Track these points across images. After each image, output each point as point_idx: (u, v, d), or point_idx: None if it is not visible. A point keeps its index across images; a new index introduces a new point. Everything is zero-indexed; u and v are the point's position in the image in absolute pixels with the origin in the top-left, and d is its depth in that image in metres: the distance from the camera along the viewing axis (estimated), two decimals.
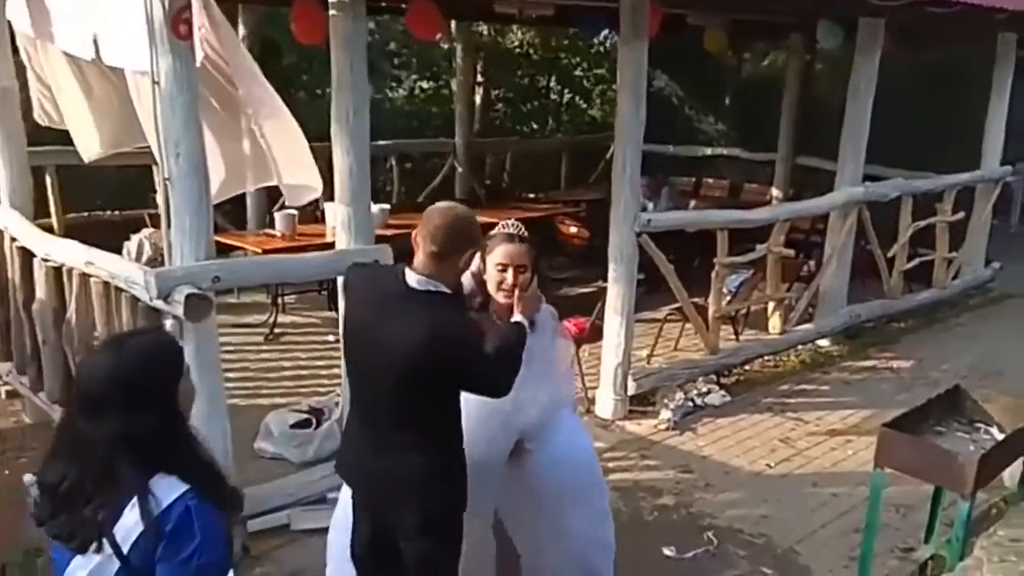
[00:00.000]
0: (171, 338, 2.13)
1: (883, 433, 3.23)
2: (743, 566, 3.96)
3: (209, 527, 1.72)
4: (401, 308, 2.49)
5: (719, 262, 5.85)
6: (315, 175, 3.94)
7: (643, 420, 5.46)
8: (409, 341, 2.42)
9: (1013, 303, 8.54)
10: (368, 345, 2.56)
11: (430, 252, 2.49)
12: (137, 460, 1.72)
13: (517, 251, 2.85)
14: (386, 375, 2.50)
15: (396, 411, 2.56)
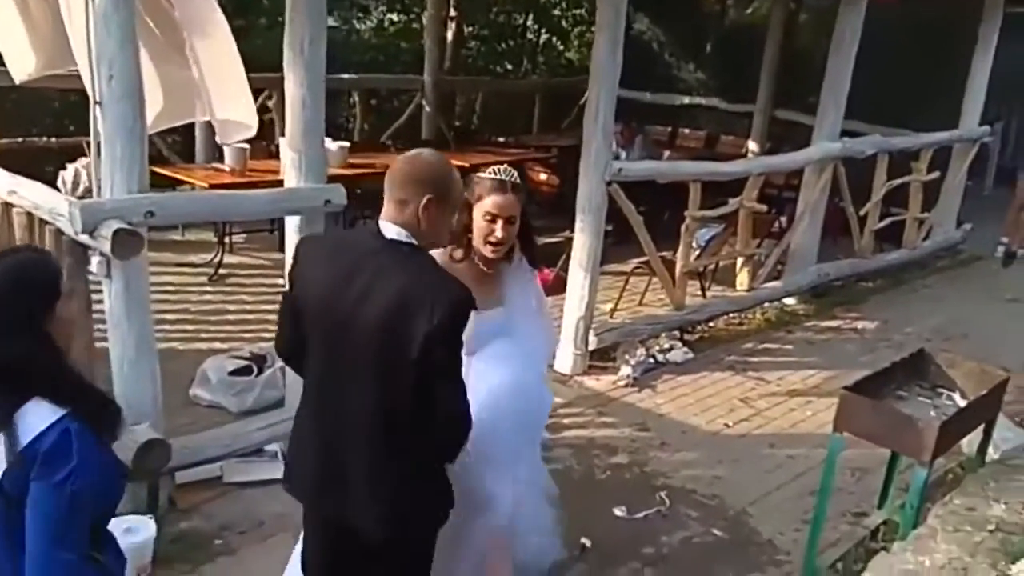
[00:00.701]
0: (44, 258, 1.93)
1: (844, 396, 3.11)
2: (694, 527, 3.88)
3: (87, 452, 1.66)
4: (379, 264, 2.12)
5: (690, 215, 5.68)
6: (251, 111, 3.68)
7: (602, 376, 5.34)
8: (389, 296, 2.06)
9: (981, 265, 8.50)
10: (339, 312, 2.14)
11: (395, 201, 2.15)
12: (4, 388, 1.68)
13: (509, 202, 2.64)
14: (363, 348, 2.10)
15: (372, 397, 2.14)
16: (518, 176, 2.70)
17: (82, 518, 1.68)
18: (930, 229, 8.18)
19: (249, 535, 3.52)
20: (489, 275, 2.76)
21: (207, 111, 3.67)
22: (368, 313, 2.07)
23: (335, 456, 2.21)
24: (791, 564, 3.65)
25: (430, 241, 2.23)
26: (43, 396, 1.69)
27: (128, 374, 3.31)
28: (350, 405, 2.16)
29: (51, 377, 1.71)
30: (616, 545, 3.68)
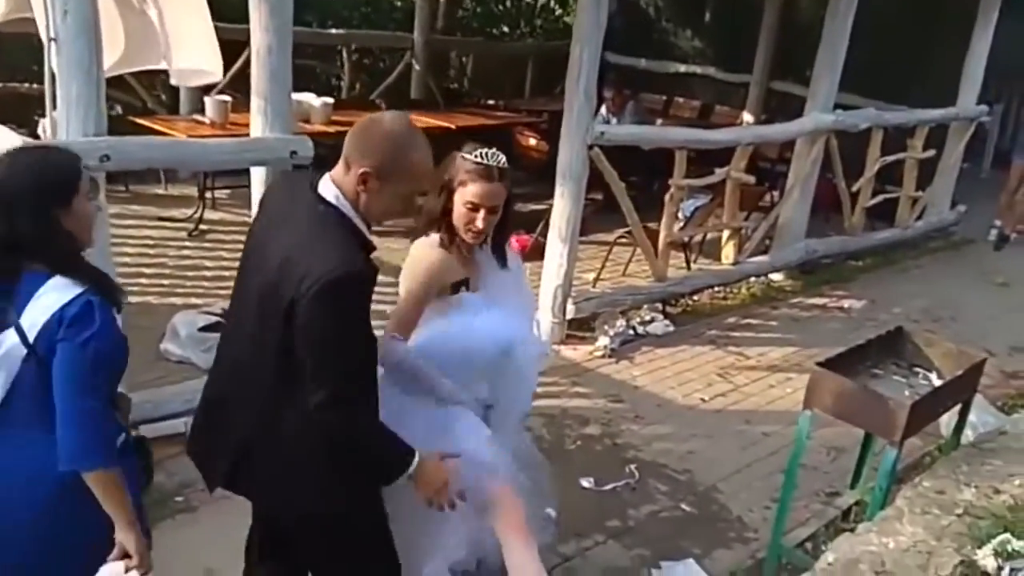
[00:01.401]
0: (67, 157, 2.03)
1: (815, 373, 3.02)
2: (662, 501, 3.81)
3: (107, 321, 1.89)
4: (296, 218, 1.98)
5: (674, 183, 5.55)
6: (215, 58, 3.54)
7: (580, 346, 5.25)
8: (274, 253, 1.94)
9: (974, 248, 8.40)
10: (247, 264, 2.05)
11: (343, 158, 1.99)
12: (12, 260, 1.88)
13: (494, 191, 2.41)
14: (250, 303, 1.98)
15: (257, 357, 1.98)
16: (505, 160, 2.48)
17: (103, 375, 1.90)
18: (923, 209, 8.07)
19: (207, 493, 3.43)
20: (469, 259, 2.59)
21: (164, 56, 3.53)
22: (261, 267, 1.96)
23: (225, 418, 2.09)
24: (758, 542, 3.59)
25: (364, 215, 2.01)
26: (64, 274, 1.89)
27: None
28: (239, 364, 2.06)
29: (68, 258, 1.91)
30: (581, 517, 3.60)
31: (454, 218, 2.47)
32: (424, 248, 2.52)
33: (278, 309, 1.88)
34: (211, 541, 3.12)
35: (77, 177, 1.95)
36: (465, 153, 2.46)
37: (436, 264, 2.49)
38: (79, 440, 1.84)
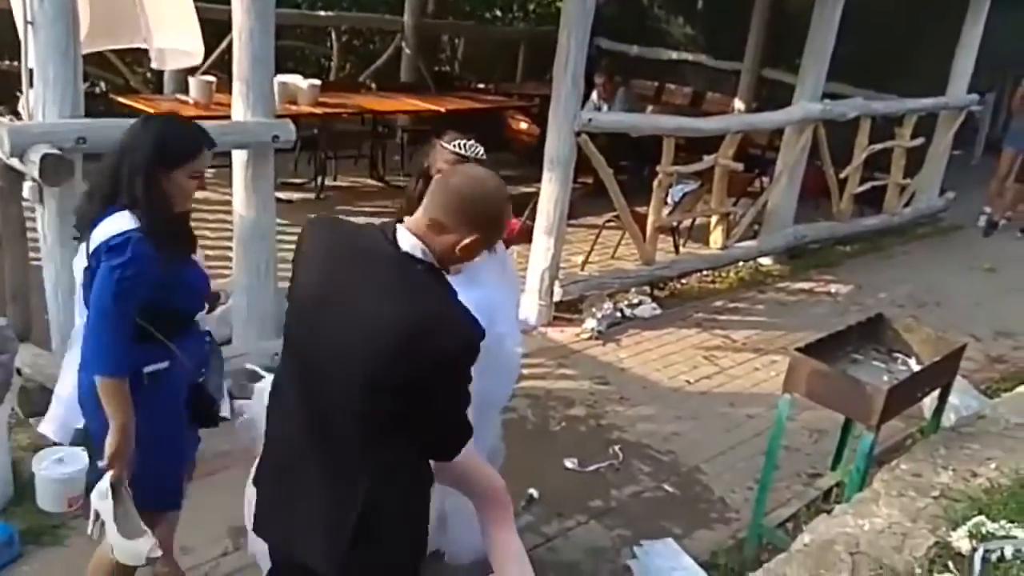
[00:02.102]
0: (186, 129, 2.33)
1: (793, 357, 3.04)
2: (645, 482, 3.83)
3: (138, 256, 2.12)
4: (386, 275, 1.81)
5: (662, 170, 5.56)
6: (195, 38, 3.52)
7: (567, 328, 5.26)
8: (391, 323, 1.73)
9: (962, 235, 8.43)
10: (330, 320, 1.81)
11: (432, 219, 1.81)
12: (112, 196, 2.21)
13: None
14: (354, 365, 1.75)
15: (359, 424, 1.81)
16: (483, 151, 2.49)
17: (122, 301, 2.12)
18: (912, 196, 8.09)
19: None
20: None
21: (144, 36, 3.50)
22: (358, 326, 1.75)
23: (283, 476, 1.96)
24: (740, 522, 3.62)
25: (447, 265, 1.89)
26: (131, 211, 2.16)
27: (63, 304, 3.21)
28: (311, 418, 1.88)
29: (143, 206, 2.16)
30: (564, 497, 3.63)
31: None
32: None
33: (388, 379, 1.74)
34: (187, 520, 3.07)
35: (187, 154, 2.23)
36: (444, 142, 2.50)
37: None
38: (89, 348, 2.16)
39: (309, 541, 1.90)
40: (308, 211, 6.66)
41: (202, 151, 2.27)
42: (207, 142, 2.29)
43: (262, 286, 3.79)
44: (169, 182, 2.22)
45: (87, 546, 3.00)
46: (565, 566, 3.24)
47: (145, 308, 2.19)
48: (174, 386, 2.33)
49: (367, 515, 1.83)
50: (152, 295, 2.19)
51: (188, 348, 2.34)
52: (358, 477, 1.83)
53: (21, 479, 3.21)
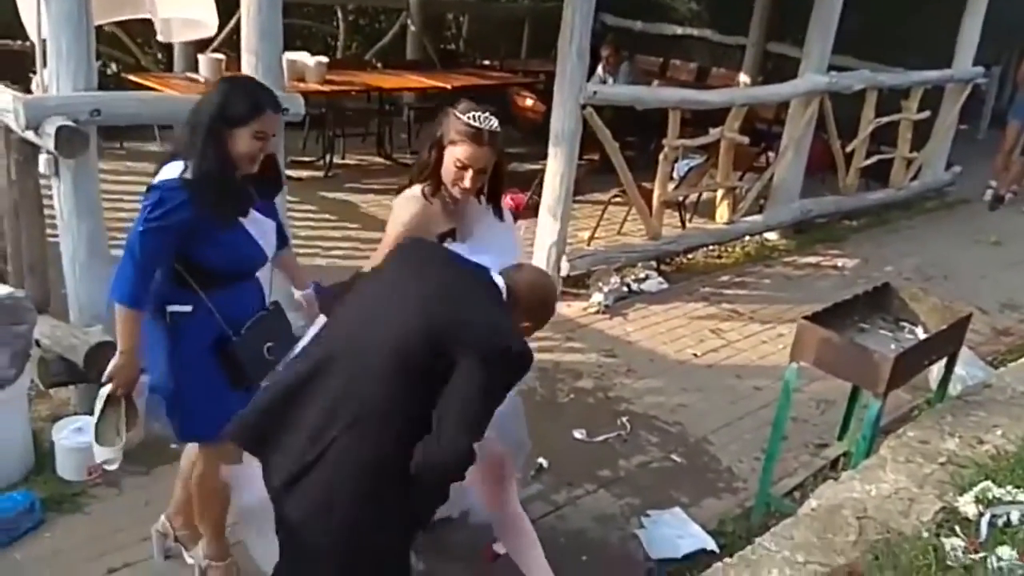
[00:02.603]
0: (252, 93, 2.38)
1: (801, 326, 3.07)
2: (653, 452, 3.88)
3: (168, 203, 2.26)
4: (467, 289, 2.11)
5: (668, 144, 5.56)
6: (208, 9, 3.52)
7: (574, 303, 5.29)
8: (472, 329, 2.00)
9: (968, 208, 8.43)
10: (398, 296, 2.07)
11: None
12: (180, 144, 2.36)
13: (482, 154, 2.47)
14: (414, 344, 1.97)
15: (387, 392, 1.97)
16: (497, 123, 2.49)
17: (148, 243, 2.26)
18: (918, 170, 8.08)
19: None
20: (456, 211, 2.65)
21: (149, 7, 3.50)
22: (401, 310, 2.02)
23: (290, 401, 2.04)
24: (747, 492, 3.66)
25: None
26: (187, 163, 2.29)
27: (80, 276, 3.25)
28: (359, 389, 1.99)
29: (194, 158, 2.27)
30: (573, 467, 3.68)
31: (443, 172, 2.53)
32: (406, 199, 2.59)
33: (424, 352, 1.95)
34: None
35: (247, 113, 2.29)
36: (459, 112, 2.49)
37: (417, 213, 2.55)
38: (114, 276, 2.32)
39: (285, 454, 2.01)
40: (316, 189, 6.70)
41: (263, 112, 2.31)
42: (270, 104, 2.34)
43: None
44: (232, 141, 2.30)
45: (107, 513, 3.08)
46: (574, 533, 3.29)
47: (179, 254, 2.32)
48: (196, 332, 2.40)
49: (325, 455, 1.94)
50: (184, 244, 2.30)
51: (221, 304, 2.41)
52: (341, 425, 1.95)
53: (41, 449, 3.27)
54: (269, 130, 2.35)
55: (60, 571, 2.80)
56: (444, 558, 3.02)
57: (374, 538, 2.01)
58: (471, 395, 1.93)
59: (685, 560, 3.17)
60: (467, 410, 1.93)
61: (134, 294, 2.30)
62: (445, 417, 1.93)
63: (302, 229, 5.68)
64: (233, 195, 2.35)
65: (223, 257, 2.38)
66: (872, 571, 2.22)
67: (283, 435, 2.01)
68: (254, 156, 2.34)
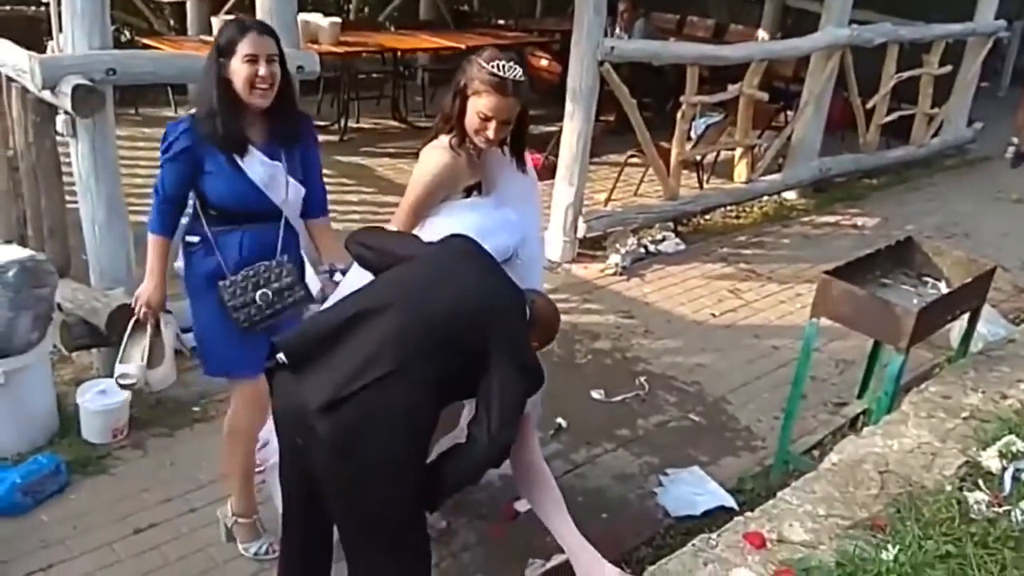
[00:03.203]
0: (234, 21, 2.52)
1: (822, 280, 3.04)
2: (671, 412, 3.88)
3: (173, 136, 2.42)
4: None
5: (686, 100, 5.49)
6: None
7: (591, 264, 5.27)
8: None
9: (989, 166, 8.30)
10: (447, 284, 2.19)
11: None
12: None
13: (507, 105, 2.40)
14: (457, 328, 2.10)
15: (431, 351, 2.05)
16: (522, 72, 2.42)
17: (164, 175, 2.45)
18: (939, 126, 7.95)
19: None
20: (479, 164, 2.61)
21: None
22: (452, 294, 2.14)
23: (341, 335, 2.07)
24: (766, 450, 3.66)
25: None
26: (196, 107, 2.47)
27: (100, 237, 3.26)
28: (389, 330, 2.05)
29: (203, 102, 2.43)
30: (591, 426, 3.69)
31: (466, 123, 2.48)
32: (434, 149, 2.55)
33: (468, 335, 2.09)
34: None
35: (233, 37, 2.36)
36: (483, 61, 2.42)
37: (446, 164, 2.52)
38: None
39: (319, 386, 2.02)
40: (332, 153, 6.66)
41: (248, 32, 2.37)
42: (256, 26, 2.42)
43: None
44: (228, 70, 2.37)
45: (132, 474, 3.12)
46: (593, 491, 3.30)
47: (195, 186, 2.46)
48: (199, 264, 2.52)
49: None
50: (192, 176, 2.44)
51: (225, 243, 2.49)
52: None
53: (66, 412, 3.30)
54: (259, 52, 2.37)
55: (86, 532, 2.84)
56: (465, 516, 3.05)
57: (389, 488, 2.03)
58: (510, 394, 2.08)
59: (704, 517, 3.18)
60: (506, 408, 2.07)
61: (157, 221, 2.49)
62: (489, 412, 2.06)
63: None
64: (226, 127, 2.39)
65: (217, 191, 2.45)
66: (895, 524, 2.21)
67: (327, 359, 2.03)
68: (251, 81, 2.37)
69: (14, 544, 2.74)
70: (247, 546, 2.79)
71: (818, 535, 2.20)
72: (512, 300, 2.22)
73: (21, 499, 2.85)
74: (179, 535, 2.86)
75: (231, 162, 2.43)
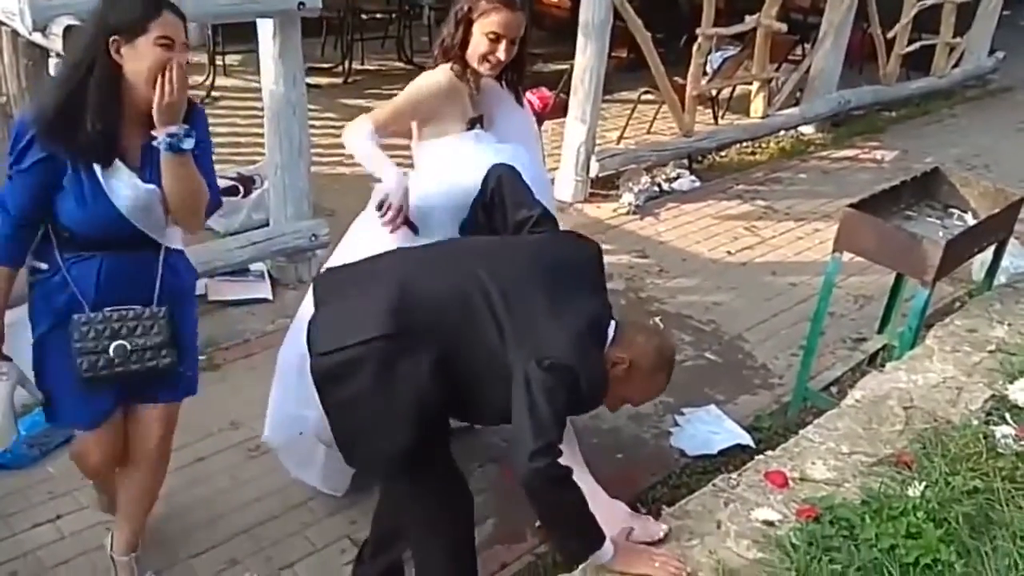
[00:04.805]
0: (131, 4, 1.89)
1: (846, 214, 2.93)
2: (687, 351, 3.81)
3: (23, 139, 1.89)
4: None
5: (702, 32, 5.32)
6: None
7: (603, 204, 5.17)
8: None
9: (1011, 97, 8.09)
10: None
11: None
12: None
13: (517, 21, 2.35)
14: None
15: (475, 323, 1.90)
16: None
17: (18, 190, 1.90)
18: (961, 56, 7.72)
19: (232, 351, 3.48)
20: (478, 97, 2.52)
21: None
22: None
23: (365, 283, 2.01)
24: (783, 387, 3.60)
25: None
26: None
27: None
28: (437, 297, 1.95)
29: (58, 85, 1.91)
30: None
31: (469, 51, 2.41)
32: (433, 72, 2.47)
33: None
34: (236, 396, 3.19)
35: (145, 15, 1.84)
36: None
37: (444, 83, 2.44)
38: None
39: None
40: (336, 96, 6.53)
41: (163, 10, 1.87)
42: (169, 4, 1.89)
43: (294, 164, 3.71)
44: (126, 56, 1.85)
45: None
46: (608, 432, 3.25)
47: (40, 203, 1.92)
48: (52, 298, 2.00)
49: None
50: (34, 189, 1.90)
51: (79, 273, 1.98)
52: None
53: None
54: (176, 36, 1.87)
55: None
56: (476, 460, 3.00)
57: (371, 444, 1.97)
58: (534, 402, 1.78)
59: (720, 456, 3.13)
60: (536, 421, 1.77)
61: (2, 249, 1.95)
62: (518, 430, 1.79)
63: (323, 137, 5.54)
64: (97, 131, 1.86)
65: (70, 214, 1.92)
66: (920, 460, 2.15)
67: (348, 302, 2.00)
68: (161, 69, 1.84)
69: (22, 496, 2.72)
70: None
71: (842, 473, 2.15)
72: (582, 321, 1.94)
73: (27, 451, 2.81)
74: (187, 484, 2.83)
75: (91, 178, 1.89)
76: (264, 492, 2.81)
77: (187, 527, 2.67)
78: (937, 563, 1.82)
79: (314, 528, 2.69)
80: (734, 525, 1.95)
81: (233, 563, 2.57)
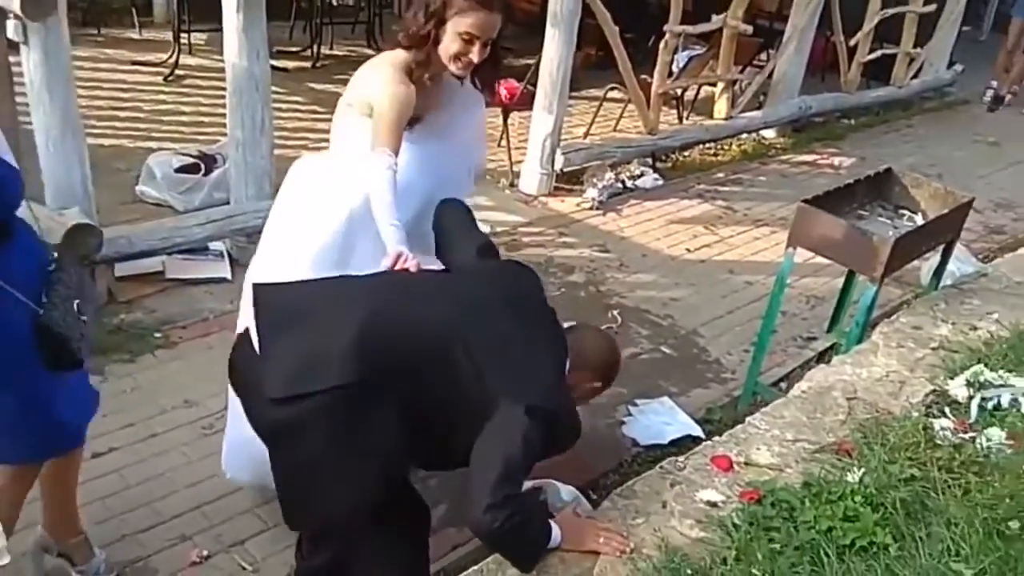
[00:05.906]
0: None
1: (800, 209, 3.00)
2: (643, 344, 3.86)
3: None
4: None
5: (669, 30, 5.37)
6: None
7: (568, 198, 5.20)
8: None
9: (967, 110, 8.29)
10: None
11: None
12: None
13: (493, 22, 2.25)
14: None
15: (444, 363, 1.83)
16: None
17: None
18: (920, 67, 7.89)
19: (190, 330, 3.46)
20: (433, 92, 2.39)
21: None
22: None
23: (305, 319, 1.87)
24: (735, 382, 3.66)
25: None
26: None
27: (53, 153, 3.13)
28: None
29: None
30: None
31: (440, 48, 2.28)
32: (393, 78, 2.31)
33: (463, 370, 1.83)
34: (191, 374, 3.18)
35: None
36: None
37: (411, 89, 2.30)
38: None
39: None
40: (304, 79, 6.49)
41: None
42: None
43: (256, 141, 3.69)
44: None
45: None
46: None
47: None
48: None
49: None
50: None
51: (7, 266, 1.83)
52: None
53: None
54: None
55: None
56: None
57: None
58: (510, 448, 1.75)
59: (671, 446, 3.18)
60: (505, 470, 1.74)
61: None
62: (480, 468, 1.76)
63: (289, 121, 5.53)
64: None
65: None
66: (861, 448, 2.22)
67: (295, 339, 1.83)
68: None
69: None
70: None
71: (785, 458, 2.21)
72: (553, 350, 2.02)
73: None
74: (140, 459, 2.81)
75: None
76: (217, 470, 2.77)
77: (136, 502, 2.65)
78: (873, 545, 1.88)
79: (266, 507, 2.67)
80: (679, 505, 2.00)
81: (183, 538, 2.55)
